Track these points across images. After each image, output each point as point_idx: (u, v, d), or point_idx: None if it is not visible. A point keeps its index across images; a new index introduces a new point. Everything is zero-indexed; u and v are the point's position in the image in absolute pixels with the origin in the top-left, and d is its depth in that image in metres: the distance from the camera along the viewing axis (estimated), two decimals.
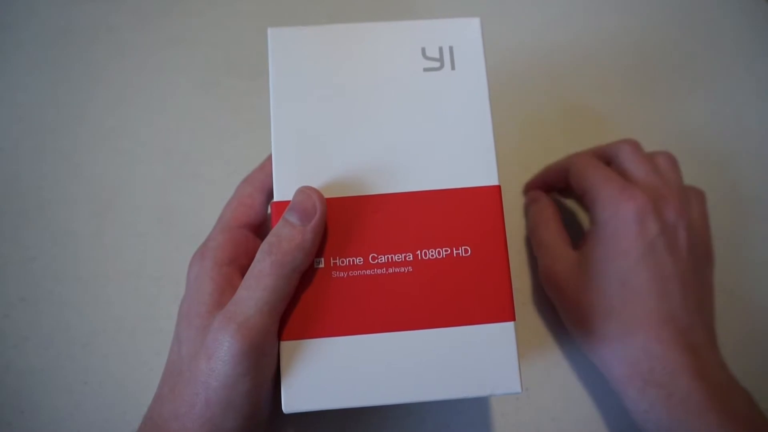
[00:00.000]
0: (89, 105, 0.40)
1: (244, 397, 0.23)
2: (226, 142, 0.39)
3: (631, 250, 0.30)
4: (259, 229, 0.28)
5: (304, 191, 0.24)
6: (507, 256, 0.24)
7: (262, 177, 0.29)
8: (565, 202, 0.38)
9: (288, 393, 0.23)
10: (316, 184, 0.24)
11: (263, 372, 0.23)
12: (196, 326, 0.24)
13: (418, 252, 0.24)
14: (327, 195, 0.24)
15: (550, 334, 0.34)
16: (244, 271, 0.25)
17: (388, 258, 0.24)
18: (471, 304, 0.24)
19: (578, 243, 0.33)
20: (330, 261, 0.24)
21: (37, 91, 0.40)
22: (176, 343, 0.25)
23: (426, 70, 0.26)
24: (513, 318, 0.24)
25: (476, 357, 0.23)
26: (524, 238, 0.37)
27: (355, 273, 0.24)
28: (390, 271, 0.24)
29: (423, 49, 0.26)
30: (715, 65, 0.43)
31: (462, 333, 0.24)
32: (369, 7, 0.44)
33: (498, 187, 0.25)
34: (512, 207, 0.38)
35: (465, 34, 0.26)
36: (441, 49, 0.26)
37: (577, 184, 0.33)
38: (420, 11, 0.44)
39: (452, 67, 0.26)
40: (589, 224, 0.33)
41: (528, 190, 0.38)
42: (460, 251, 0.24)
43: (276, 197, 0.24)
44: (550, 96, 0.42)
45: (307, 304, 0.24)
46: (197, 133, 0.39)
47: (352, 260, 0.24)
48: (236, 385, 0.23)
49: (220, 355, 0.22)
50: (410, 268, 0.24)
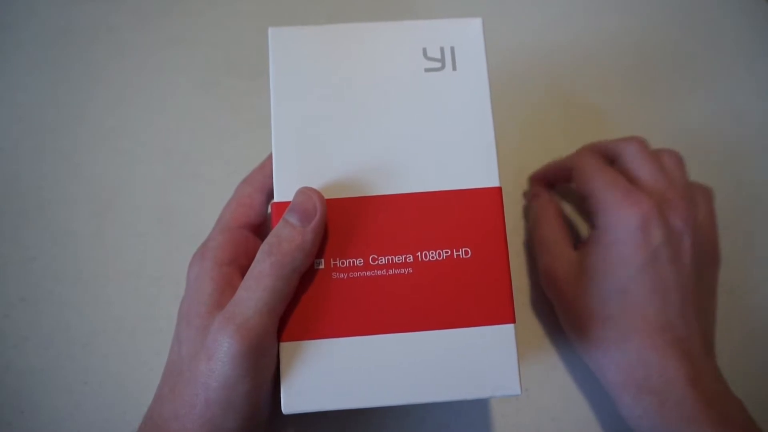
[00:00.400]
0: (89, 105, 0.40)
1: (244, 398, 0.23)
2: (226, 142, 0.39)
3: (633, 258, 0.29)
4: (259, 229, 0.28)
5: (305, 192, 0.24)
6: (507, 258, 0.24)
7: (262, 177, 0.29)
8: (566, 201, 0.38)
9: (288, 394, 0.23)
10: (316, 185, 0.24)
11: (263, 373, 0.23)
12: (195, 326, 0.24)
13: (419, 253, 0.24)
14: (327, 196, 0.24)
15: (550, 335, 0.34)
16: (244, 272, 0.25)
17: (388, 259, 0.24)
18: (471, 306, 0.24)
19: (579, 243, 0.33)
20: (330, 262, 0.24)
21: (37, 91, 0.40)
22: (176, 343, 0.25)
23: (427, 70, 0.26)
24: (513, 320, 0.24)
25: (476, 359, 0.23)
26: (524, 239, 0.37)
27: (356, 274, 0.24)
28: (390, 272, 0.24)
29: (424, 50, 0.26)
30: (715, 65, 0.43)
31: (462, 335, 0.24)
32: (369, 7, 0.44)
33: (499, 189, 0.25)
34: (513, 208, 0.38)
35: (467, 35, 0.26)
36: (442, 50, 0.26)
37: (580, 187, 0.33)
38: (420, 11, 0.44)
39: (453, 68, 0.26)
40: (590, 226, 0.33)
41: (531, 182, 0.38)
42: (460, 253, 0.24)
43: (276, 198, 0.24)
44: (551, 96, 0.42)
45: (307, 305, 0.24)
46: (197, 133, 0.39)
47: (353, 261, 0.24)
48: (236, 386, 0.23)
49: (220, 356, 0.22)
50: (410, 270, 0.24)
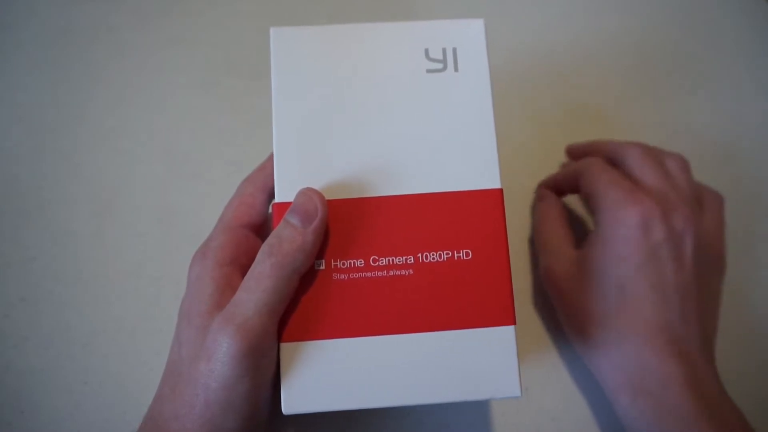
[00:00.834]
0: (89, 105, 0.40)
1: (244, 398, 0.23)
2: (226, 142, 0.39)
3: (632, 255, 0.30)
4: (260, 228, 0.28)
5: (306, 193, 0.24)
6: (508, 260, 0.24)
7: (263, 176, 0.29)
8: (572, 204, 0.38)
9: (288, 394, 0.23)
10: (317, 186, 0.24)
11: (262, 373, 0.23)
12: (196, 326, 0.24)
13: (419, 255, 0.24)
14: (328, 196, 0.24)
15: (550, 335, 0.34)
16: (244, 271, 0.25)
17: (389, 260, 0.24)
18: (471, 308, 0.24)
19: (581, 244, 0.33)
20: (331, 263, 0.24)
21: (37, 91, 0.40)
22: (176, 343, 0.25)
23: (429, 71, 0.26)
24: (513, 322, 0.24)
25: (476, 360, 0.23)
26: (525, 240, 0.37)
27: (356, 275, 0.24)
28: (391, 273, 0.24)
29: (426, 50, 0.26)
30: (716, 65, 0.43)
31: (462, 336, 0.24)
32: (369, 8, 0.44)
33: (500, 191, 0.25)
34: (514, 209, 0.38)
35: (469, 36, 0.26)
36: (444, 51, 0.26)
37: (585, 187, 0.33)
38: (420, 11, 0.44)
39: (455, 69, 0.26)
40: (593, 227, 0.33)
41: (539, 187, 0.38)
42: (461, 254, 0.24)
43: (277, 198, 0.24)
44: (551, 97, 0.42)
45: (307, 305, 0.24)
46: (197, 133, 0.39)
47: (353, 262, 0.24)
48: (236, 386, 0.23)
49: (220, 356, 0.22)
50: (411, 271, 0.24)
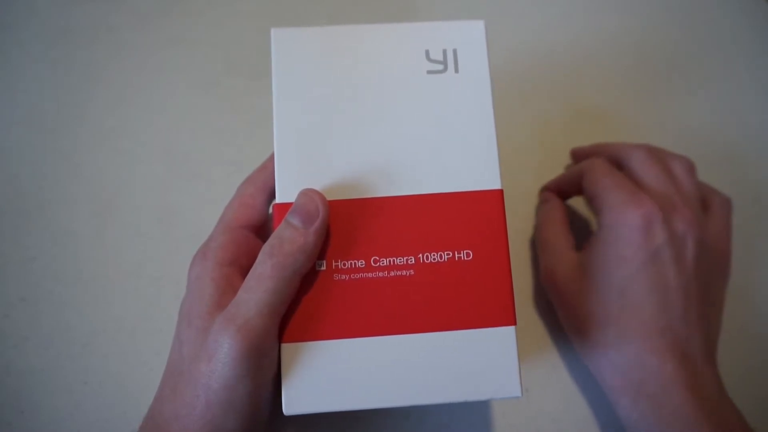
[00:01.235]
0: (89, 105, 0.40)
1: (245, 399, 0.23)
2: (226, 142, 0.39)
3: (633, 257, 0.29)
4: (261, 229, 0.28)
5: (307, 193, 0.24)
6: (509, 261, 0.24)
7: (264, 177, 0.29)
8: (575, 205, 0.38)
9: (289, 395, 0.23)
10: (318, 186, 0.24)
11: (263, 373, 0.23)
12: (196, 327, 0.24)
13: (420, 255, 0.24)
14: (329, 197, 0.24)
15: (551, 335, 0.34)
16: (245, 272, 0.25)
17: (390, 261, 0.24)
18: (472, 308, 0.24)
19: (582, 246, 0.33)
20: (332, 263, 0.24)
21: (37, 91, 0.40)
22: (177, 343, 0.25)
23: (429, 72, 0.26)
24: (514, 322, 0.24)
25: (477, 361, 0.23)
26: (526, 241, 0.37)
27: (357, 276, 0.24)
28: (392, 274, 0.24)
29: (427, 52, 0.26)
30: (716, 65, 0.44)
31: (463, 337, 0.24)
32: (369, 8, 0.44)
33: (500, 191, 0.25)
34: (514, 211, 0.38)
35: (469, 37, 0.26)
36: (445, 52, 0.26)
37: (588, 189, 0.33)
38: (420, 12, 0.44)
39: (456, 70, 0.26)
40: (596, 228, 0.32)
41: (542, 190, 0.38)
42: (461, 255, 0.24)
43: (278, 199, 0.24)
44: (552, 97, 0.42)
45: (308, 306, 0.24)
46: (197, 133, 0.39)
47: (354, 263, 0.24)
48: (236, 387, 0.23)
49: (221, 357, 0.22)
50: (412, 272, 0.24)
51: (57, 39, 0.42)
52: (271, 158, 0.29)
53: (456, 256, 0.24)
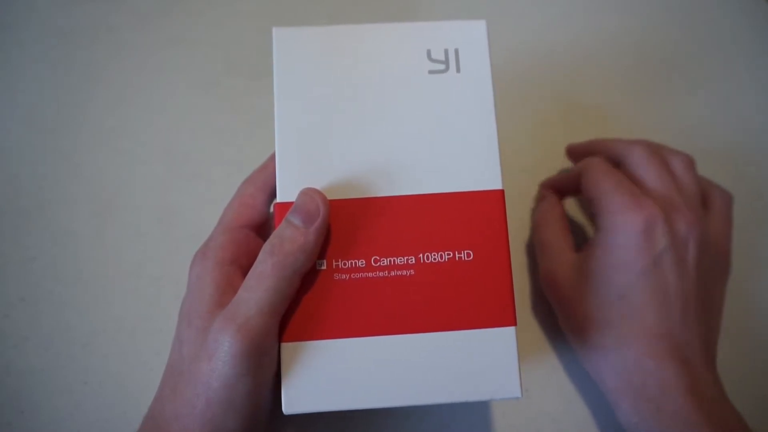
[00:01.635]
0: (89, 105, 0.40)
1: (245, 398, 0.23)
2: (226, 142, 0.39)
3: (634, 263, 0.29)
4: (261, 229, 0.28)
5: (308, 193, 0.24)
6: (509, 261, 0.24)
7: (264, 177, 0.29)
8: (572, 206, 0.38)
9: (288, 394, 0.23)
10: (319, 186, 0.24)
11: (264, 372, 0.23)
12: (196, 326, 0.24)
13: (421, 255, 0.24)
14: (330, 197, 0.24)
15: (551, 336, 0.34)
16: (245, 272, 0.25)
17: (390, 261, 0.24)
18: (472, 308, 0.24)
19: (581, 247, 0.33)
20: (332, 263, 0.24)
21: (37, 91, 0.40)
22: (177, 343, 0.25)
23: (431, 72, 0.26)
24: (514, 323, 0.24)
25: (477, 361, 0.23)
26: (526, 241, 0.37)
27: (357, 275, 0.24)
28: (392, 274, 0.24)
29: (428, 51, 0.26)
30: (716, 65, 0.44)
31: (463, 337, 0.24)
32: (369, 8, 0.44)
33: (501, 192, 0.25)
34: (515, 211, 0.38)
35: (471, 37, 0.26)
36: (446, 52, 0.26)
37: (587, 190, 0.32)
38: (422, 12, 0.44)
39: (457, 70, 0.26)
40: (595, 230, 0.32)
41: (540, 187, 0.37)
42: (462, 255, 0.24)
43: (279, 198, 0.24)
44: (552, 97, 0.42)
45: (308, 305, 0.24)
46: (197, 133, 0.39)
47: (355, 262, 0.24)
48: (237, 386, 0.23)
49: (221, 356, 0.22)
50: (412, 272, 0.24)
51: (57, 39, 0.42)
52: (271, 158, 0.29)
53: (456, 256, 0.24)
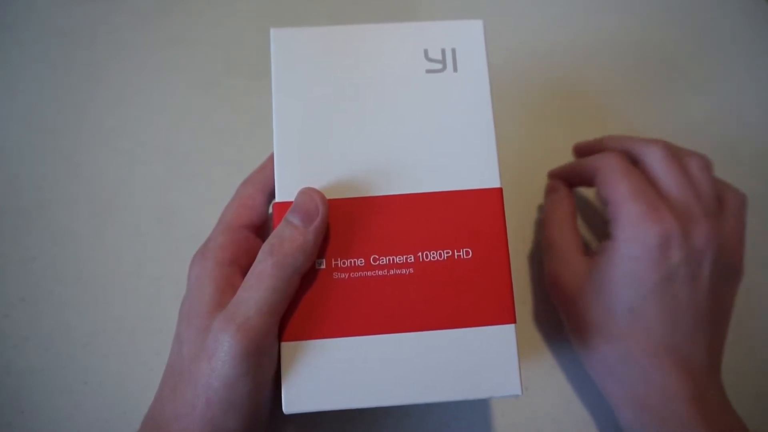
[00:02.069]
0: (89, 105, 0.40)
1: (245, 398, 0.23)
2: (226, 142, 0.39)
3: (647, 277, 0.29)
4: (260, 229, 0.28)
5: (307, 192, 0.24)
6: (508, 259, 0.24)
7: (263, 177, 0.29)
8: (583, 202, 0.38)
9: (289, 394, 0.23)
10: (318, 185, 0.24)
11: (264, 372, 0.23)
12: (196, 326, 0.24)
13: (420, 254, 0.24)
14: (329, 196, 0.24)
15: (550, 335, 0.34)
16: (244, 272, 0.25)
17: (389, 260, 0.24)
18: (472, 306, 0.24)
19: (592, 251, 0.32)
20: (331, 262, 0.24)
21: (37, 91, 0.40)
22: (177, 343, 0.25)
23: (428, 71, 0.26)
24: (514, 320, 0.24)
25: (477, 359, 0.23)
26: (525, 240, 0.37)
27: (357, 274, 0.24)
28: (391, 272, 0.24)
29: (425, 51, 0.26)
30: (716, 65, 0.44)
31: (463, 335, 0.24)
32: (369, 8, 0.44)
33: (499, 190, 0.25)
34: (512, 208, 0.38)
35: (468, 36, 0.26)
36: (444, 51, 0.26)
37: (603, 191, 0.31)
38: (420, 11, 0.44)
39: (455, 69, 0.26)
40: (607, 234, 0.31)
41: (550, 176, 0.36)
42: (461, 253, 0.24)
43: (278, 198, 0.24)
44: (551, 96, 0.42)
45: (308, 305, 0.24)
46: (197, 133, 0.39)
47: (354, 261, 0.24)
48: (237, 386, 0.23)
49: (221, 356, 0.22)
50: (411, 270, 0.24)
51: (57, 39, 0.42)
52: (270, 159, 0.29)
53: (455, 254, 0.24)
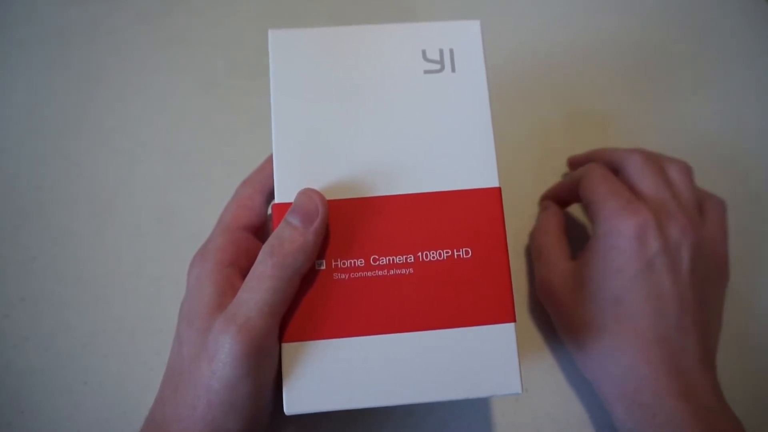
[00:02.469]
0: (89, 105, 0.40)
1: (246, 399, 0.23)
2: (226, 142, 0.39)
3: (627, 267, 0.29)
4: (260, 230, 0.28)
5: (306, 193, 0.24)
6: (507, 258, 0.24)
7: (262, 178, 0.29)
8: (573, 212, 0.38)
9: (289, 395, 0.23)
10: (317, 186, 0.24)
11: (264, 373, 0.23)
12: (197, 328, 0.24)
13: (419, 254, 0.24)
14: (328, 197, 0.24)
15: (550, 335, 0.34)
16: (244, 273, 0.25)
17: (389, 260, 0.24)
18: (472, 306, 0.24)
19: (577, 254, 0.33)
20: (331, 263, 0.24)
21: (37, 91, 0.40)
22: (177, 344, 0.25)
23: (426, 72, 0.26)
24: (513, 319, 0.24)
25: (477, 358, 0.23)
26: (524, 241, 0.37)
27: (357, 275, 0.24)
28: (391, 272, 0.24)
29: (423, 52, 0.26)
30: (716, 65, 0.44)
31: (463, 334, 0.24)
32: (369, 8, 0.44)
33: (498, 189, 0.25)
34: (512, 208, 0.38)
35: (465, 37, 0.26)
36: (441, 52, 0.26)
37: (584, 195, 0.33)
38: (419, 12, 0.44)
39: (452, 70, 0.26)
40: (591, 237, 0.32)
41: (542, 199, 0.38)
42: (460, 253, 0.24)
43: (277, 199, 0.24)
44: (551, 96, 0.42)
45: (308, 305, 0.24)
46: (197, 133, 0.39)
47: (354, 262, 0.24)
48: (237, 387, 0.23)
49: (221, 357, 0.22)
50: (411, 270, 0.24)
51: (57, 39, 0.42)
52: (269, 159, 0.29)
53: (455, 254, 0.24)
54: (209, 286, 0.25)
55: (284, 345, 0.23)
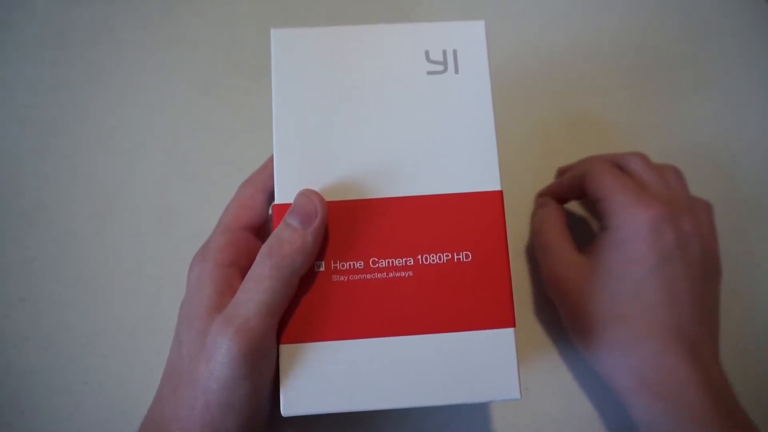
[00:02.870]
0: (89, 105, 0.40)
1: (244, 399, 0.23)
2: (226, 142, 0.39)
3: (645, 258, 0.29)
4: (260, 230, 0.28)
5: (306, 194, 0.24)
6: (508, 262, 0.24)
7: (263, 178, 0.29)
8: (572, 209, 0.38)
9: (287, 396, 0.23)
10: (317, 187, 0.24)
11: (262, 374, 0.23)
12: (196, 328, 0.24)
13: (419, 257, 0.24)
14: (328, 198, 0.24)
15: (551, 335, 0.34)
16: (244, 273, 0.25)
17: (388, 262, 0.24)
18: (471, 310, 0.24)
19: (586, 248, 0.33)
20: (330, 264, 0.24)
21: (37, 91, 0.40)
22: (176, 344, 0.26)
23: (429, 73, 0.26)
24: (513, 324, 0.24)
25: (476, 362, 0.23)
26: (525, 243, 0.37)
27: (356, 277, 0.24)
28: (390, 275, 0.24)
29: (427, 52, 0.26)
30: (716, 65, 0.43)
31: (462, 338, 0.24)
32: (369, 8, 0.44)
33: (500, 193, 0.25)
34: (513, 213, 0.38)
35: (469, 38, 0.26)
36: (445, 53, 0.26)
37: (592, 190, 0.33)
38: (421, 12, 0.44)
39: (456, 71, 0.26)
40: (600, 230, 0.32)
41: (538, 195, 0.38)
42: (461, 256, 0.24)
43: (277, 200, 0.24)
44: (551, 96, 0.42)
45: (307, 307, 0.24)
46: (197, 133, 0.39)
47: (353, 264, 0.24)
48: (235, 388, 0.23)
49: (219, 358, 0.22)
50: (411, 273, 0.24)
51: (57, 39, 0.42)
52: (271, 160, 0.29)
53: (455, 257, 0.24)
54: (209, 286, 0.25)
55: (282, 346, 0.23)
